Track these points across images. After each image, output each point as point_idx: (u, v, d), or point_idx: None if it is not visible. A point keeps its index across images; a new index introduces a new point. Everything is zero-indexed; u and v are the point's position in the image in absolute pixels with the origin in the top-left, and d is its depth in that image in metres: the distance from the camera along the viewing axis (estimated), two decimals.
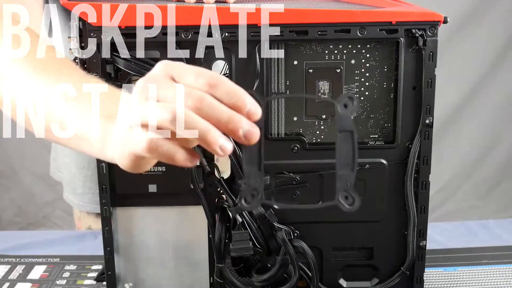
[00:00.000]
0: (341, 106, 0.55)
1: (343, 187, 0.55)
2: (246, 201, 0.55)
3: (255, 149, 0.56)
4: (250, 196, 0.55)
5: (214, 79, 0.53)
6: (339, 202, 0.55)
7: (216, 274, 0.84)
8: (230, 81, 0.54)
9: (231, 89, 0.54)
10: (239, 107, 0.53)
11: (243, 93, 0.54)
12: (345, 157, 0.56)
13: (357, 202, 0.54)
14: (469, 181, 2.58)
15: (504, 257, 1.03)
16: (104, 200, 0.82)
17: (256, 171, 0.56)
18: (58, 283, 0.98)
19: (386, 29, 0.77)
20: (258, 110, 0.54)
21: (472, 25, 2.39)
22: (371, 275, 0.87)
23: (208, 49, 0.78)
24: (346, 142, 0.56)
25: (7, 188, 2.50)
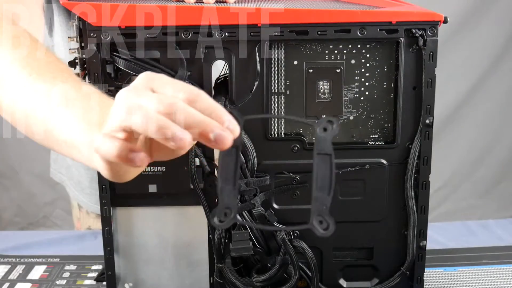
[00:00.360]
0: (320, 129, 0.55)
1: (318, 211, 0.53)
2: (219, 220, 0.54)
3: (231, 166, 0.55)
4: (223, 215, 0.54)
5: (193, 94, 0.54)
6: (313, 226, 0.53)
7: (216, 274, 0.84)
8: (209, 97, 0.55)
9: (209, 105, 0.54)
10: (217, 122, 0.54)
11: (221, 110, 0.54)
12: (322, 180, 0.55)
13: (331, 227, 0.53)
14: (468, 180, 2.58)
15: (504, 257, 1.03)
16: (104, 200, 0.82)
17: (231, 188, 0.55)
18: (58, 283, 0.98)
19: (386, 29, 0.77)
20: (236, 127, 0.54)
21: (471, 25, 2.39)
22: (371, 275, 0.87)
23: (208, 49, 0.78)
24: (324, 165, 0.55)
25: (7, 188, 2.50)
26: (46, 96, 0.67)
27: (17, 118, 0.71)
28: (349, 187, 0.83)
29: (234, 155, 0.55)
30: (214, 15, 0.75)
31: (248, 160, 0.79)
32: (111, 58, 0.77)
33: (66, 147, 0.65)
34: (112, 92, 0.79)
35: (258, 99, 0.79)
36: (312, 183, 0.55)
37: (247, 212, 0.81)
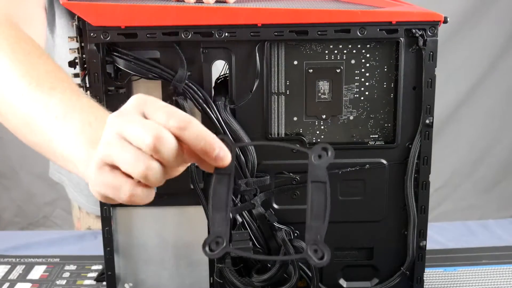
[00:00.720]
0: (315, 157, 0.54)
1: (313, 240, 0.53)
2: (210, 249, 0.53)
3: (223, 194, 0.54)
4: (215, 244, 0.53)
5: (185, 121, 0.54)
6: (308, 255, 0.52)
7: (216, 274, 0.84)
8: (200, 125, 0.55)
9: (200, 132, 0.54)
10: (207, 151, 0.54)
11: (212, 137, 0.54)
12: (316, 209, 0.54)
13: (326, 257, 0.52)
14: (468, 180, 2.58)
15: (504, 257, 1.03)
16: None
17: (222, 217, 0.54)
18: (58, 283, 0.98)
19: (386, 29, 0.77)
20: (227, 155, 0.55)
21: (471, 25, 2.40)
22: (371, 275, 0.87)
23: (208, 49, 0.78)
24: (319, 193, 0.54)
25: (7, 188, 2.50)
26: (44, 107, 0.67)
27: (15, 126, 0.71)
28: (349, 187, 0.83)
29: (225, 183, 0.55)
30: (214, 15, 0.75)
31: (248, 160, 0.79)
32: (111, 58, 0.77)
33: (62, 160, 0.65)
34: (112, 92, 0.79)
35: (258, 99, 0.79)
36: (306, 211, 0.54)
37: (247, 212, 0.81)
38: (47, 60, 0.74)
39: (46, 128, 0.66)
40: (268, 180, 0.80)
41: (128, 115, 0.55)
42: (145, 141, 0.53)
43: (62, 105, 0.66)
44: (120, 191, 0.55)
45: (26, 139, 0.71)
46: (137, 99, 0.56)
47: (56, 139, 0.64)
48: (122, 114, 0.56)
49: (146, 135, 0.53)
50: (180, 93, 0.77)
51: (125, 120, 0.55)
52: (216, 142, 0.54)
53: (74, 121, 0.63)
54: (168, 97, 0.78)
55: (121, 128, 0.55)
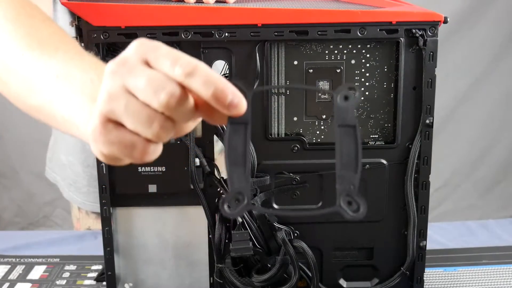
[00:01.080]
0: (341, 98, 0.48)
1: (346, 191, 0.47)
2: (229, 207, 0.47)
3: (240, 146, 0.49)
4: (234, 202, 0.48)
5: (191, 66, 0.47)
6: (341, 208, 0.47)
7: (216, 274, 0.84)
8: (209, 69, 0.48)
9: (209, 78, 0.47)
10: (219, 98, 0.47)
11: (223, 83, 0.47)
12: (347, 156, 0.48)
13: (362, 209, 0.46)
14: (468, 180, 2.58)
15: (504, 257, 1.03)
16: (104, 200, 0.82)
17: (241, 171, 0.48)
18: (58, 283, 0.98)
19: (386, 29, 0.77)
20: (242, 101, 0.48)
21: (470, 25, 2.39)
22: (371, 275, 0.87)
23: (208, 49, 0.78)
24: (348, 138, 0.48)
25: (7, 188, 2.50)
26: (45, 66, 0.62)
27: (16, 91, 0.67)
28: None
29: (242, 133, 0.49)
30: (214, 15, 0.75)
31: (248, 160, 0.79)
32: (111, 58, 0.77)
33: (63, 123, 0.60)
34: None
35: (258, 99, 0.79)
36: (336, 159, 0.48)
37: (247, 212, 0.80)
38: (52, 24, 0.70)
39: (46, 89, 0.60)
40: (268, 180, 0.80)
41: (132, 64, 0.49)
42: (158, 99, 0.47)
43: (63, 64, 0.61)
44: (133, 150, 0.50)
45: (26, 104, 0.66)
46: (139, 45, 0.50)
47: (57, 100, 0.59)
48: (124, 62, 0.49)
49: (158, 91, 0.47)
50: None
51: (129, 70, 0.49)
52: (229, 88, 0.47)
53: (75, 80, 0.58)
54: None
55: (126, 80, 0.48)
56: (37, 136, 2.28)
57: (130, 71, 0.49)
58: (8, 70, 0.67)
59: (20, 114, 0.69)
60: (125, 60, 0.50)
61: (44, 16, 0.73)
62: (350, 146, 0.48)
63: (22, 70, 0.65)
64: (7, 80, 0.67)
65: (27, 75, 0.64)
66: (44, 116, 0.63)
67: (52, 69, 0.61)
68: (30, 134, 2.34)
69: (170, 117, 0.49)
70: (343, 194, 0.47)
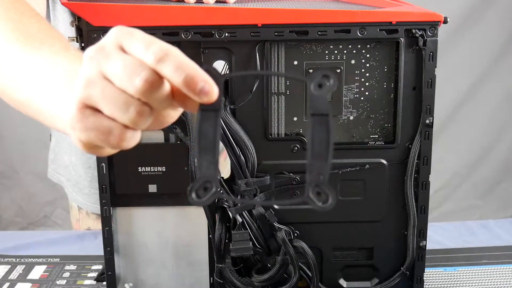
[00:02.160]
0: (314, 86, 0.46)
1: (315, 181, 0.46)
2: (197, 195, 0.47)
3: (210, 133, 0.48)
4: (203, 190, 0.47)
5: (162, 52, 0.47)
6: (310, 199, 0.46)
7: (216, 274, 0.84)
8: (182, 55, 0.48)
9: (181, 64, 0.47)
10: (189, 85, 0.47)
11: (194, 69, 0.47)
12: (318, 145, 0.47)
13: (331, 200, 0.46)
14: (468, 180, 2.58)
15: (504, 257, 1.03)
16: (104, 200, 0.82)
17: (210, 159, 0.47)
18: (58, 283, 0.98)
19: (386, 29, 0.77)
20: (213, 89, 0.47)
21: (470, 25, 2.39)
22: (371, 275, 0.87)
23: (208, 49, 0.78)
24: (320, 127, 0.47)
25: (8, 187, 2.50)
26: (31, 60, 0.62)
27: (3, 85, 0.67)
28: (349, 187, 0.83)
29: (212, 120, 0.48)
30: (214, 15, 0.75)
31: (248, 160, 0.79)
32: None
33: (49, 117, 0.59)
34: None
35: (258, 99, 0.79)
36: (307, 149, 0.47)
37: (247, 212, 0.81)
38: (40, 20, 0.71)
39: (32, 83, 0.61)
40: (268, 180, 0.80)
41: (108, 50, 0.49)
42: (133, 84, 0.47)
43: (48, 58, 0.61)
44: (110, 135, 0.49)
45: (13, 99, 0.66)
46: (116, 31, 0.50)
47: (42, 93, 0.59)
48: (100, 48, 0.49)
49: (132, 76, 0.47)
50: None
51: (105, 56, 0.49)
52: (200, 75, 0.47)
53: (59, 73, 0.58)
54: None
55: (102, 66, 0.48)
56: (37, 136, 2.28)
57: (106, 57, 0.49)
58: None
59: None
60: (102, 46, 0.50)
61: (33, 12, 0.73)
62: (322, 135, 0.47)
63: (8, 63, 0.65)
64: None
65: (14, 69, 0.64)
66: (32, 110, 0.63)
67: (37, 63, 0.61)
68: (30, 134, 2.34)
69: (146, 103, 0.48)
70: (312, 184, 0.46)
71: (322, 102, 0.47)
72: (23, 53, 0.64)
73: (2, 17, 0.70)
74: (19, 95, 0.64)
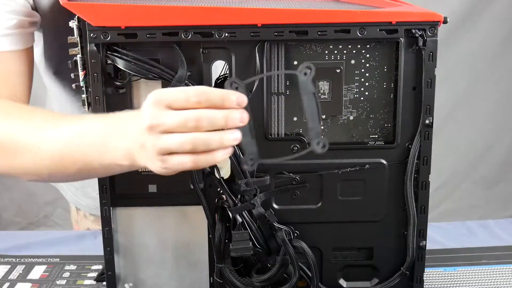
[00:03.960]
0: (301, 75, 0.67)
1: (315, 136, 0.67)
2: (247, 163, 0.68)
3: (247, 124, 0.67)
4: (250, 161, 0.68)
5: (200, 94, 0.63)
6: (313, 148, 0.67)
7: (216, 274, 0.84)
8: (212, 89, 0.63)
9: (217, 96, 0.64)
10: (229, 106, 0.64)
11: (228, 94, 0.64)
12: (311, 114, 0.68)
13: (327, 145, 0.67)
14: (468, 180, 2.58)
15: (504, 257, 1.03)
16: (104, 200, 0.82)
17: (250, 140, 0.68)
18: (58, 283, 0.98)
19: (386, 29, 0.77)
20: (243, 98, 0.65)
21: (469, 24, 2.39)
22: (371, 275, 0.87)
23: (208, 49, 0.78)
24: (311, 102, 0.67)
25: (8, 187, 2.50)
26: (61, 138, 0.72)
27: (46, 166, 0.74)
28: (349, 187, 0.83)
29: (247, 113, 0.66)
30: (214, 15, 0.75)
31: None
32: (111, 58, 0.77)
33: (103, 171, 0.73)
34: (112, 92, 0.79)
35: (258, 99, 0.79)
36: (306, 118, 0.70)
37: (247, 212, 0.80)
38: (42, 109, 0.81)
39: (85, 151, 0.71)
40: (268, 180, 0.80)
41: (160, 115, 0.64)
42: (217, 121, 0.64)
43: (74, 130, 0.73)
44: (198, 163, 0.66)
45: (64, 174, 0.76)
46: (155, 99, 0.64)
47: (93, 160, 0.71)
48: (155, 118, 0.64)
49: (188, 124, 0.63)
50: None
51: (160, 119, 0.63)
52: (231, 95, 0.64)
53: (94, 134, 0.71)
54: None
55: (164, 121, 0.63)
56: None
57: (164, 119, 0.65)
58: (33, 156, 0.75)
59: None
60: (155, 114, 0.64)
61: (28, 107, 0.83)
62: (313, 106, 0.68)
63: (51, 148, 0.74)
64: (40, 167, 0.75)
65: (58, 149, 0.73)
66: (80, 174, 0.75)
67: (67, 138, 0.72)
68: None
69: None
70: (314, 139, 0.68)
71: (308, 85, 0.67)
72: (52, 133, 0.73)
73: (9, 118, 0.78)
74: (71, 169, 0.74)
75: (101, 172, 0.75)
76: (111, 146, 0.69)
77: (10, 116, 0.78)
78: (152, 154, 0.65)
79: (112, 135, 0.70)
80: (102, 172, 0.75)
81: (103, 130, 0.71)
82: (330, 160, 0.81)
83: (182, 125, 0.63)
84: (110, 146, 0.69)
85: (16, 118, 0.77)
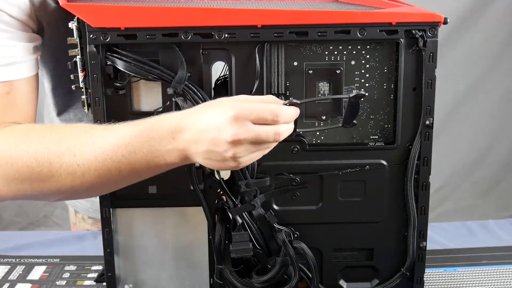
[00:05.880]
0: (353, 99, 0.74)
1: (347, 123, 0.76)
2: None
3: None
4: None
5: (278, 114, 0.70)
6: (352, 96, 0.74)
7: (216, 275, 0.84)
8: (285, 109, 0.71)
9: (289, 114, 0.72)
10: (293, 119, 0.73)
11: (293, 111, 0.72)
12: (347, 117, 0.76)
13: (363, 92, 0.76)
14: (468, 180, 2.58)
15: (504, 257, 1.03)
16: (104, 201, 0.82)
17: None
18: (58, 284, 0.98)
19: (386, 30, 0.76)
20: (298, 112, 0.73)
21: (469, 24, 2.39)
22: (371, 276, 0.87)
23: (208, 50, 0.78)
24: (352, 114, 0.75)
25: None
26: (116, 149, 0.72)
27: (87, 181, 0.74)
28: (349, 188, 0.83)
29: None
30: (214, 16, 0.75)
31: None
32: (111, 59, 0.77)
33: (164, 169, 0.74)
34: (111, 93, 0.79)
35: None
36: (345, 110, 0.78)
37: (247, 213, 0.80)
38: (69, 125, 0.80)
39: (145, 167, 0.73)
40: (268, 181, 0.80)
41: (250, 131, 0.69)
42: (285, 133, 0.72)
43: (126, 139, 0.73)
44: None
45: (107, 186, 0.77)
46: (239, 116, 0.69)
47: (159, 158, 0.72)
48: (242, 134, 0.69)
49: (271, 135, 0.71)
50: (180, 94, 0.78)
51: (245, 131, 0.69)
52: (294, 112, 0.72)
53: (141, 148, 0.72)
54: (168, 98, 0.78)
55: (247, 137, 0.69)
56: None
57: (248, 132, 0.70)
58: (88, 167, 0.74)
59: None
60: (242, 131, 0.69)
61: (54, 127, 0.80)
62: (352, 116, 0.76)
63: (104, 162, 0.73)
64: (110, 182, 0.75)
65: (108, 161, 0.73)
66: (140, 178, 0.76)
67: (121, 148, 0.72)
68: None
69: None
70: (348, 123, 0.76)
71: (357, 106, 0.76)
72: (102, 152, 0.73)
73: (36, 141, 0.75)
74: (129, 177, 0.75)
75: (146, 175, 0.76)
76: (162, 150, 0.71)
77: (40, 140, 0.75)
78: (227, 158, 0.70)
79: (162, 139, 0.71)
80: (148, 174, 0.76)
81: (148, 136, 0.72)
82: (330, 161, 0.81)
83: (264, 139, 0.70)
84: (162, 150, 0.71)
85: (44, 138, 0.75)
